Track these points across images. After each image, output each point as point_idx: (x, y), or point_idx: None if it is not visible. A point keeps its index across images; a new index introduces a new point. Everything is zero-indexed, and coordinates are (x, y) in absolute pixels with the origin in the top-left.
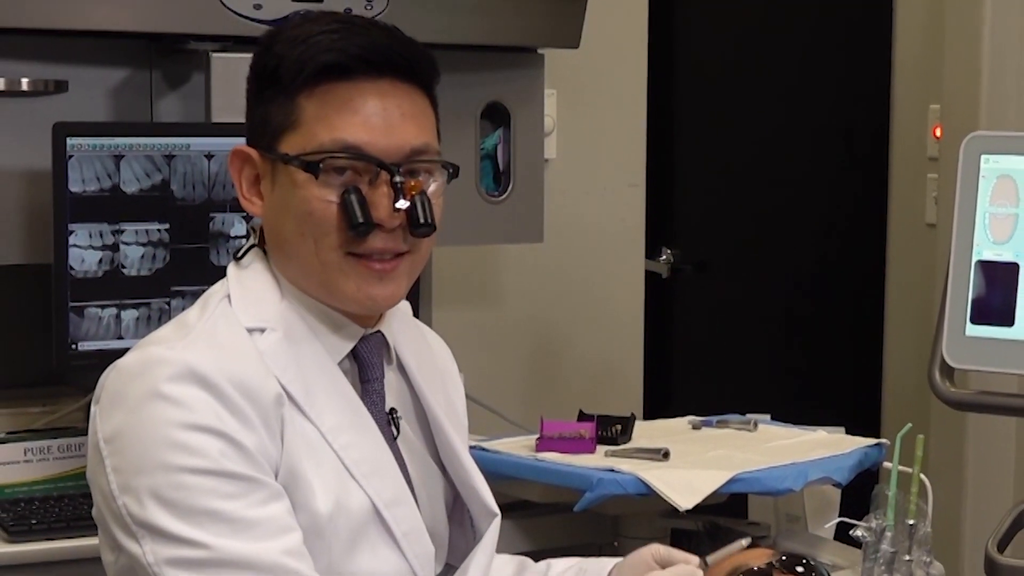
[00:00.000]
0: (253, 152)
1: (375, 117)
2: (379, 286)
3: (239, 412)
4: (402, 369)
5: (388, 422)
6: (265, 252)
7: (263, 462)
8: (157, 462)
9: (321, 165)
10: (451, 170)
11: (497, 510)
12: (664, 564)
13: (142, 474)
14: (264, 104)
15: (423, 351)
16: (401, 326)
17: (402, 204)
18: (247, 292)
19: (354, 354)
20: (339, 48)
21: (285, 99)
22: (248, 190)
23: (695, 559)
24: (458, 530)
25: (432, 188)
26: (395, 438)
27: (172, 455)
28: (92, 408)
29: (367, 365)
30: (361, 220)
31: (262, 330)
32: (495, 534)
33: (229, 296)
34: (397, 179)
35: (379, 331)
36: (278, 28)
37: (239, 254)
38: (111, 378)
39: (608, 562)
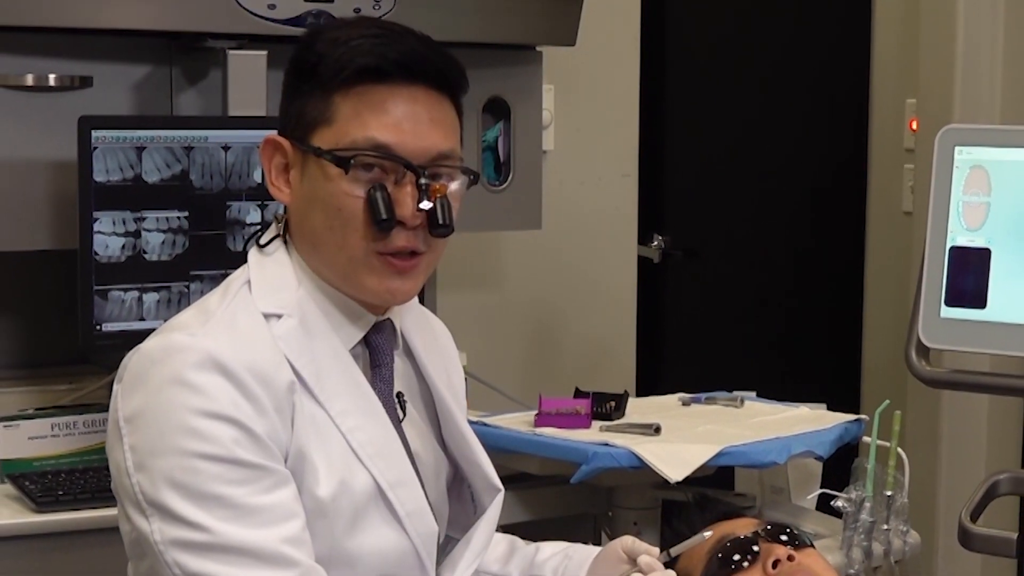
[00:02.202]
0: (285, 142)
1: (406, 120)
2: (399, 281)
3: (254, 398)
4: (409, 353)
5: (395, 405)
6: (285, 240)
7: (274, 448)
8: (172, 446)
9: (352, 161)
10: (472, 176)
11: (500, 485)
12: (631, 555)
13: (157, 455)
14: (301, 98)
15: (428, 335)
16: (408, 312)
17: (425, 205)
18: (267, 279)
19: (366, 340)
20: (379, 53)
21: (322, 95)
22: (276, 177)
23: (655, 551)
24: (457, 504)
25: (453, 191)
26: (401, 420)
27: (187, 440)
28: (114, 387)
29: (378, 351)
30: (385, 216)
31: (279, 316)
32: (498, 508)
33: (249, 283)
34: (423, 181)
35: (389, 318)
36: (320, 28)
37: (263, 241)
38: (134, 361)
39: (591, 551)
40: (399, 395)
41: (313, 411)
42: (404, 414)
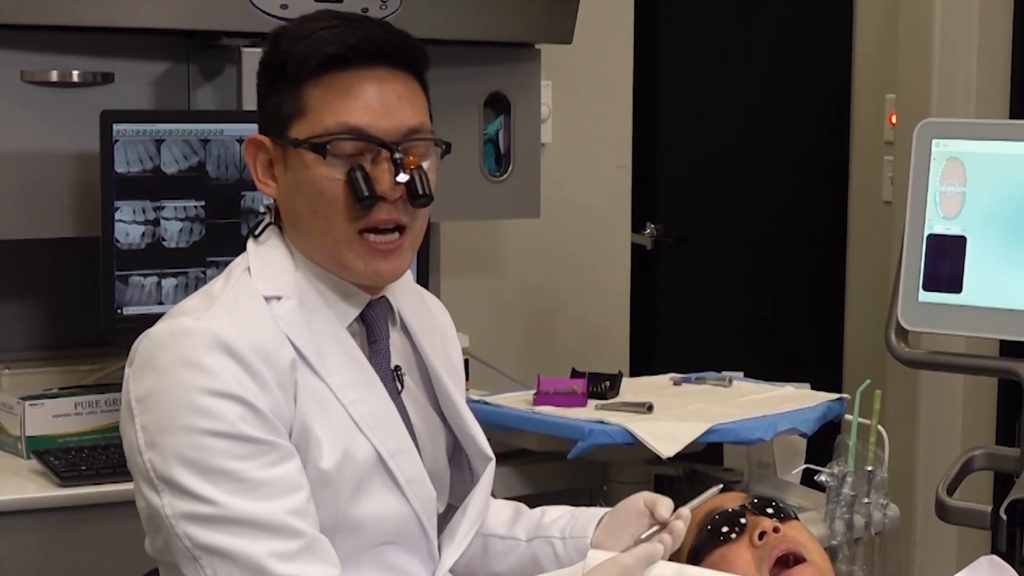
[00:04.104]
0: (266, 140)
1: (374, 101)
2: (384, 262)
3: (258, 376)
4: (405, 330)
5: (393, 378)
6: (280, 228)
7: (278, 424)
8: (181, 424)
9: (328, 146)
10: (444, 147)
11: (491, 454)
12: (651, 508)
13: (167, 434)
14: (274, 95)
15: (423, 313)
16: (403, 291)
17: (402, 178)
18: (265, 264)
19: (362, 317)
20: (339, 41)
21: (293, 90)
22: (263, 174)
23: (672, 505)
24: (457, 473)
25: (428, 164)
26: (399, 392)
27: (195, 418)
28: (126, 370)
29: (374, 327)
30: (367, 194)
31: (278, 298)
32: (490, 476)
33: (249, 268)
34: (397, 155)
35: (384, 296)
36: (283, 27)
37: (257, 231)
38: (143, 344)
39: (598, 511)
40: (397, 368)
41: (315, 386)
42: (402, 386)
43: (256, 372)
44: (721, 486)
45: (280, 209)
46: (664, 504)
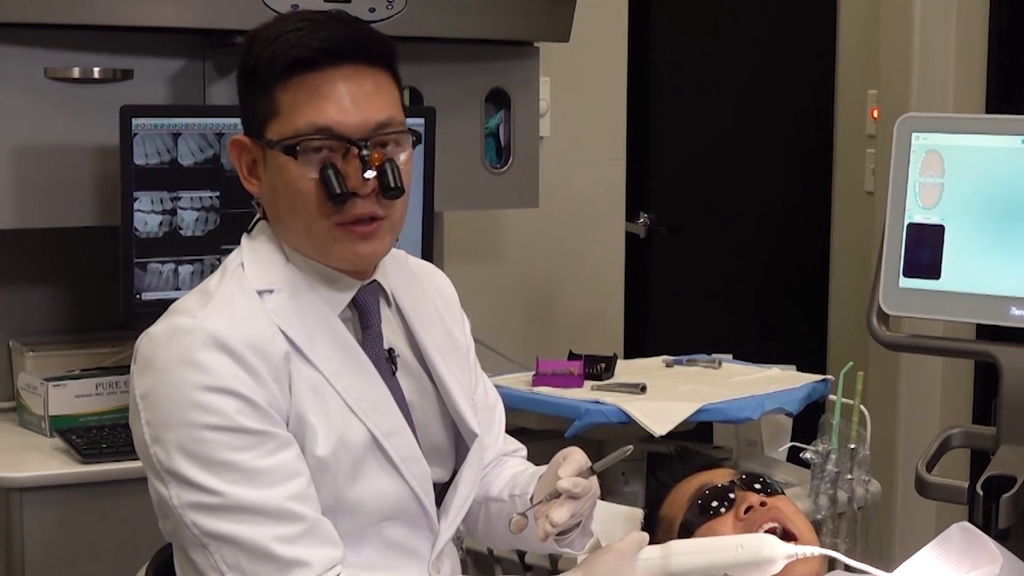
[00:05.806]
0: (247, 140)
1: (342, 99)
2: (364, 245)
3: (253, 371)
4: (399, 310)
5: (387, 360)
6: (269, 223)
7: (274, 414)
8: (182, 419)
9: (298, 148)
10: (415, 138)
11: (478, 431)
12: (565, 458)
13: (170, 429)
14: (251, 98)
15: (417, 293)
16: (394, 272)
17: (369, 174)
18: (257, 259)
19: (354, 303)
20: (303, 44)
21: (265, 93)
22: (248, 173)
23: (580, 465)
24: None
25: (403, 155)
26: (394, 373)
27: (195, 414)
28: (131, 367)
29: (366, 312)
30: (338, 191)
31: (271, 291)
32: (478, 452)
33: (243, 264)
34: (364, 152)
35: (375, 280)
36: (255, 30)
37: (249, 227)
38: (143, 344)
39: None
40: (390, 351)
41: (309, 375)
42: (396, 368)
43: (251, 367)
44: (631, 448)
45: (264, 206)
46: (567, 467)
